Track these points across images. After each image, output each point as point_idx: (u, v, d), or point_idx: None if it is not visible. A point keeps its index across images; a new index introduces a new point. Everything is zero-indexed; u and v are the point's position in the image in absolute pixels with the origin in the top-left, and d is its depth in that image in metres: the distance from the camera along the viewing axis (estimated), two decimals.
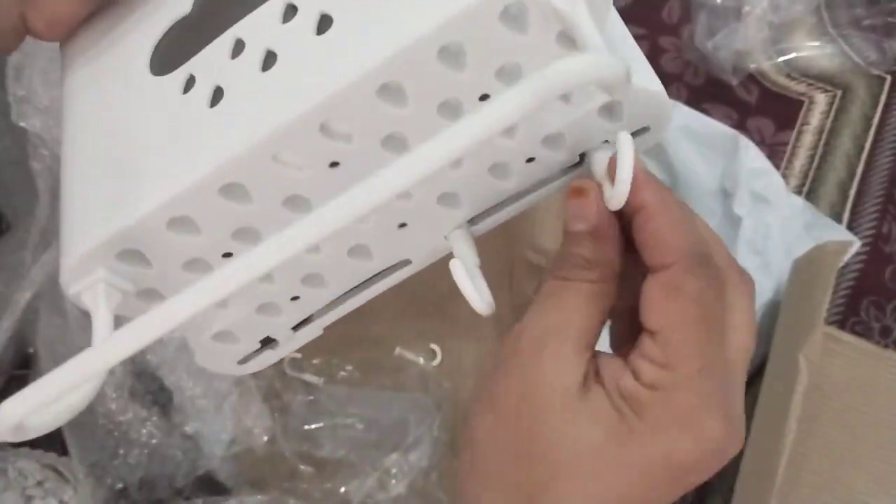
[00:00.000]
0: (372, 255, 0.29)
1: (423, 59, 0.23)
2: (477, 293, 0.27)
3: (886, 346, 0.64)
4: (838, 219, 0.70)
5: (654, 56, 0.78)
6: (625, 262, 0.27)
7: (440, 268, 0.30)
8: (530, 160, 0.29)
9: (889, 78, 0.74)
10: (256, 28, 0.26)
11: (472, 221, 0.30)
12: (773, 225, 0.67)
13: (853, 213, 0.70)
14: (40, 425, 0.23)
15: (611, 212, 0.26)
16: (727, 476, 0.57)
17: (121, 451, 0.57)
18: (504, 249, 0.63)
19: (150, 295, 0.28)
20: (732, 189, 0.68)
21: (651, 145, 0.30)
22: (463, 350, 0.67)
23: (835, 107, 0.74)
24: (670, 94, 0.76)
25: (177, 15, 0.28)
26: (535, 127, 0.27)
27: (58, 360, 0.54)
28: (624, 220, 0.27)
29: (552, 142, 0.28)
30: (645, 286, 0.26)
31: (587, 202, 0.27)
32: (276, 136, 0.24)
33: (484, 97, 0.25)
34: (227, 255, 0.27)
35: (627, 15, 0.79)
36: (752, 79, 0.75)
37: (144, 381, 0.59)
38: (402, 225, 0.29)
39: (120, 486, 0.57)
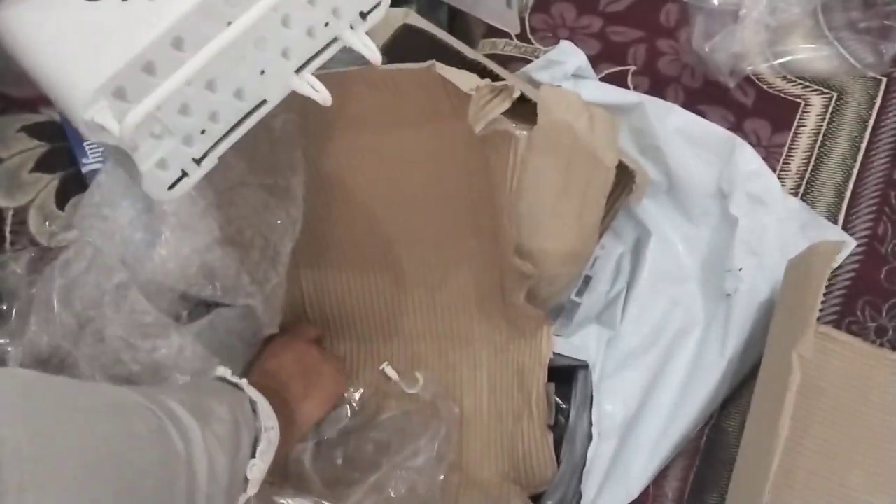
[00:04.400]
0: (245, 96, 0.46)
1: None
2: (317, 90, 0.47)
3: (882, 345, 0.65)
4: (834, 220, 0.70)
5: (651, 58, 0.78)
6: None
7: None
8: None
9: (884, 80, 0.75)
10: None
11: (297, 71, 0.48)
12: (769, 226, 0.67)
13: (849, 214, 0.71)
14: None
15: None
16: (725, 473, 0.58)
17: None
18: (495, 261, 0.62)
19: None
20: (729, 190, 0.68)
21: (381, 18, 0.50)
22: (459, 362, 0.68)
23: (831, 109, 0.74)
24: (668, 97, 0.76)
25: None
26: None
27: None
28: None
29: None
30: None
31: None
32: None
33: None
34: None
35: (626, 17, 0.80)
36: (749, 81, 0.75)
37: None
38: (263, 72, 0.46)
39: None
